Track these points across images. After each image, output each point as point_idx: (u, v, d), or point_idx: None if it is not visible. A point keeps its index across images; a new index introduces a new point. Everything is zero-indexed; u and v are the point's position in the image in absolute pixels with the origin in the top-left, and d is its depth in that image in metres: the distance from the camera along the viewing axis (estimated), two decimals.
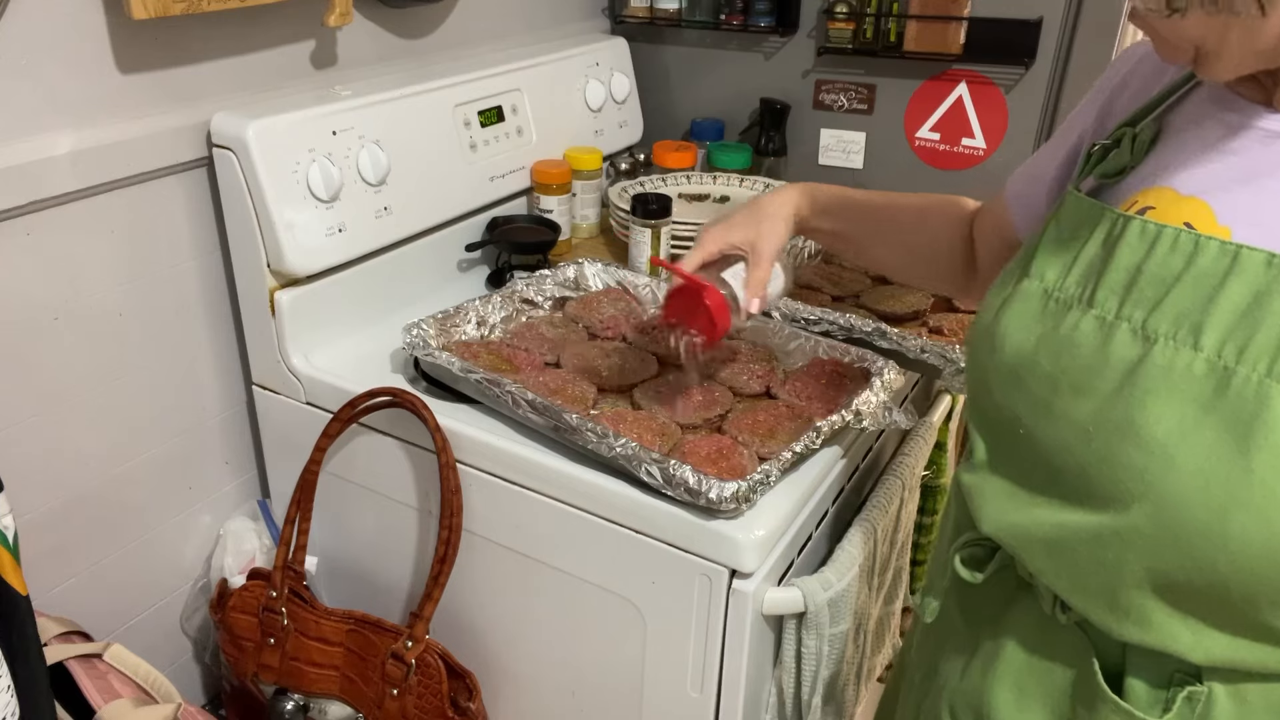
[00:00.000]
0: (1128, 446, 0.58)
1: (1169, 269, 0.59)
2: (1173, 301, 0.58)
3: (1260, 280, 0.55)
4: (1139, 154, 0.66)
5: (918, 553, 1.31)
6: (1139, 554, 0.59)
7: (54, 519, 1.10)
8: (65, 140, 1.00)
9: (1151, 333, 0.58)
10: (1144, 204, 0.62)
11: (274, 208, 1.08)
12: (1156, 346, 0.58)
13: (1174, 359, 0.57)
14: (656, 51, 1.76)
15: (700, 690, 0.97)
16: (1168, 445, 0.56)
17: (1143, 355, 0.58)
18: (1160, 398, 0.57)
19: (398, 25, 1.36)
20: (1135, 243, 0.60)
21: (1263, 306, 0.55)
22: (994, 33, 1.46)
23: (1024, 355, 0.65)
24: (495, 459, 1.03)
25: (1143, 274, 0.60)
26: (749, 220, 0.97)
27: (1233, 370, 0.55)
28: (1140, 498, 0.58)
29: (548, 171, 1.44)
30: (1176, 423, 0.56)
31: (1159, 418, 0.57)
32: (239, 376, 1.27)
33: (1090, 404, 0.60)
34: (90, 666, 0.98)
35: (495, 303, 1.21)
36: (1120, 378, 0.59)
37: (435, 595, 1.03)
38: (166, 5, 0.99)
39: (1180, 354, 0.57)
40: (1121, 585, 0.61)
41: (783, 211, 0.97)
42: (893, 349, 1.11)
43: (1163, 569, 0.58)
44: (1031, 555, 0.66)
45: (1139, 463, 0.57)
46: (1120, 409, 0.59)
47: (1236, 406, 0.55)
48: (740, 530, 0.89)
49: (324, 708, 1.14)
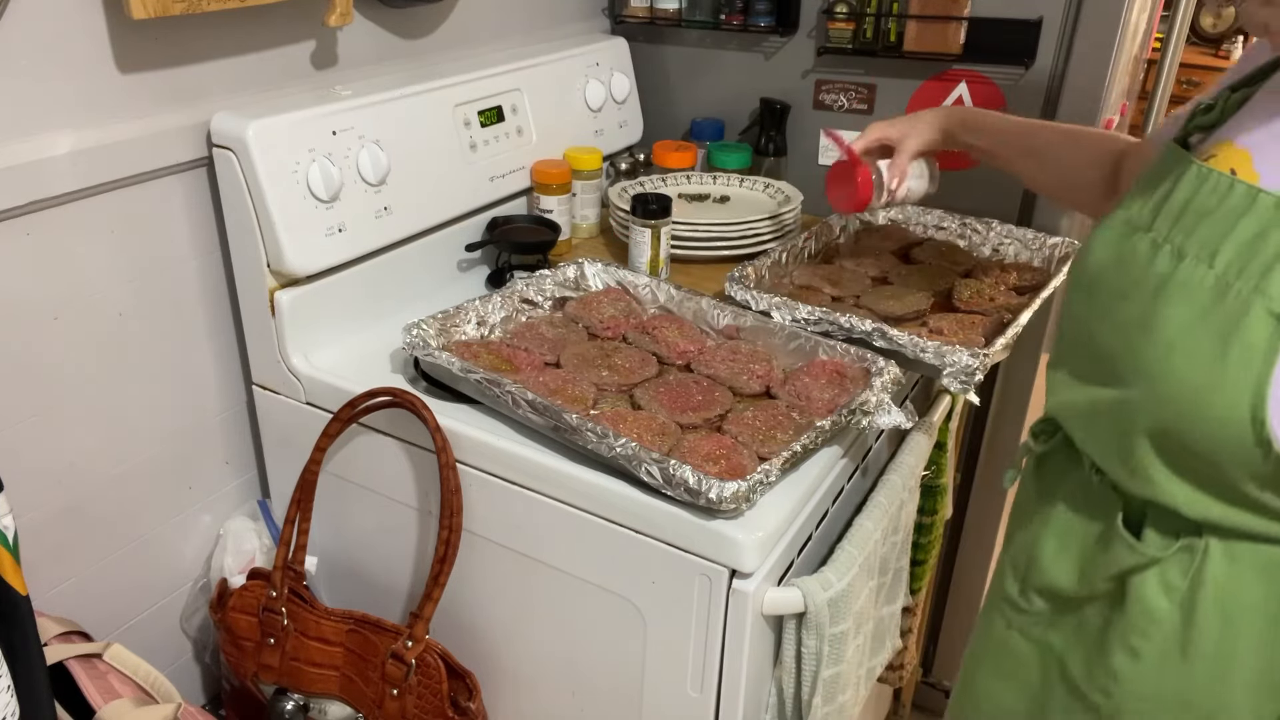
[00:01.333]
0: (1145, 340, 0.73)
1: (1207, 205, 0.72)
2: (1203, 230, 0.72)
3: (1267, 219, 0.69)
4: (1228, 114, 0.79)
5: (918, 553, 1.31)
6: (1143, 421, 0.75)
7: (54, 519, 1.10)
8: (65, 140, 1.00)
9: (1183, 253, 0.72)
10: (1213, 153, 0.76)
11: (274, 208, 1.08)
12: (1183, 264, 0.72)
13: (1192, 274, 0.71)
14: (656, 51, 1.76)
15: (700, 690, 0.97)
16: (1172, 341, 0.71)
17: (1172, 271, 0.73)
18: (1175, 304, 0.71)
19: (398, 25, 1.36)
20: (1191, 182, 0.74)
21: (1264, 239, 0.68)
22: (994, 33, 1.46)
23: (1101, 268, 0.80)
24: (495, 459, 1.03)
25: (1189, 207, 0.74)
26: (906, 121, 1.21)
27: (1231, 285, 0.69)
28: (1146, 378, 0.73)
29: (548, 171, 1.44)
30: (1182, 323, 0.71)
31: (1170, 320, 0.72)
32: (239, 376, 1.28)
33: (1131, 309, 0.75)
34: (90, 666, 0.98)
35: (495, 303, 1.21)
36: (1154, 288, 0.73)
37: (435, 595, 1.03)
38: (166, 5, 0.99)
39: (1197, 271, 0.71)
40: (1131, 448, 0.77)
41: (936, 121, 1.19)
42: (893, 349, 1.11)
43: (1159, 434, 0.74)
44: (1074, 426, 0.86)
45: (1149, 353, 0.73)
46: (1148, 312, 0.73)
47: (1226, 312, 0.69)
48: (740, 530, 0.89)
49: (324, 708, 1.14)
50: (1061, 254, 1.39)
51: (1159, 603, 0.79)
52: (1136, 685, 0.82)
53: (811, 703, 0.98)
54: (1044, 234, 1.43)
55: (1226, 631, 0.78)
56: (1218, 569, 0.77)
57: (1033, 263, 1.42)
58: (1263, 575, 0.76)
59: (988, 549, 1.76)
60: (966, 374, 1.07)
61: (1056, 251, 1.40)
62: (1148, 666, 0.81)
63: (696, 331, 1.20)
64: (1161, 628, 0.80)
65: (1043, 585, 0.91)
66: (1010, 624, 0.95)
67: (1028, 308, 1.22)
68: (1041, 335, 1.57)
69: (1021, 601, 0.94)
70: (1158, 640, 0.80)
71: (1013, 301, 1.30)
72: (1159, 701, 0.82)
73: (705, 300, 1.22)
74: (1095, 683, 0.86)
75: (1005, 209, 1.54)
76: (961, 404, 1.35)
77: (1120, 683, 0.83)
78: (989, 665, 0.99)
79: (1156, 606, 0.80)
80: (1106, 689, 0.85)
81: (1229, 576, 0.76)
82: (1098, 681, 0.86)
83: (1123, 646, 0.83)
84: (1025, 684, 0.95)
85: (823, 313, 1.16)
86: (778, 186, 1.59)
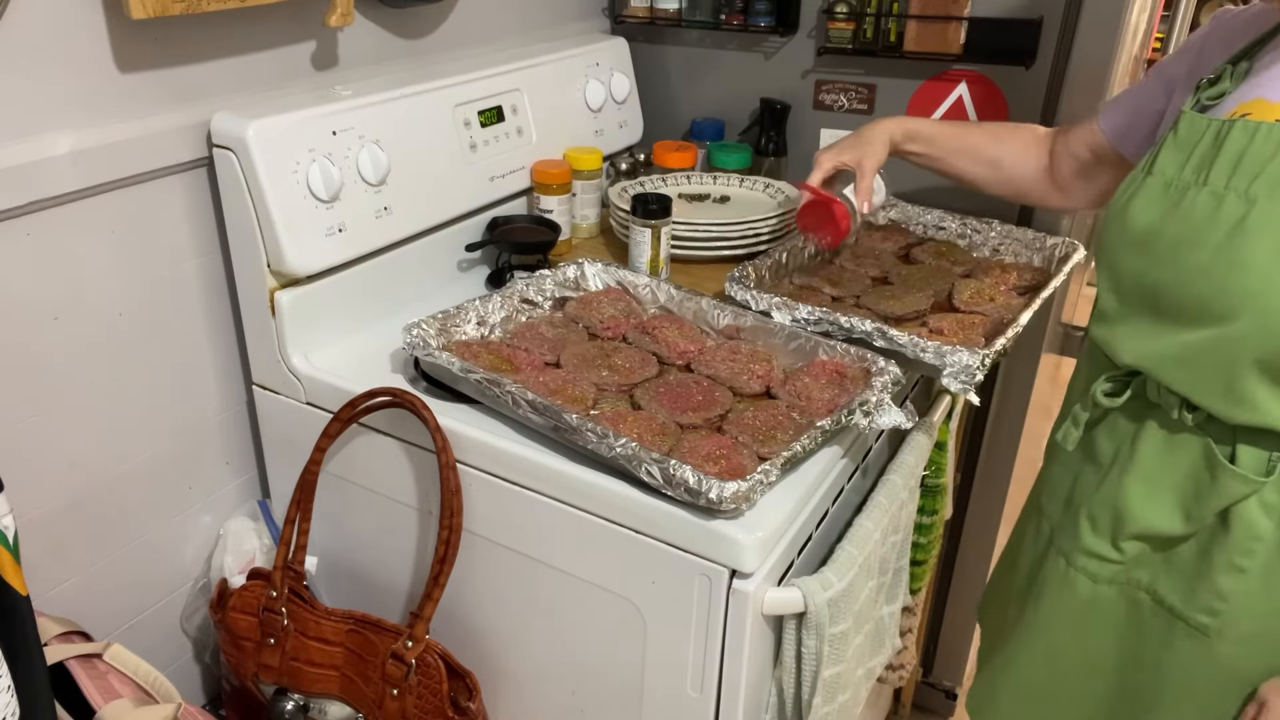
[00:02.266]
0: (1239, 275, 0.81)
1: (1264, 152, 0.81)
2: (1268, 174, 0.81)
3: None
4: (1237, 82, 0.91)
5: (917, 553, 1.31)
6: (1248, 349, 0.82)
7: (54, 519, 1.10)
8: (65, 140, 1.00)
9: (1253, 196, 0.81)
10: (1244, 111, 0.85)
11: (274, 208, 1.08)
12: (1257, 205, 0.80)
13: (1270, 211, 0.80)
14: (656, 51, 1.76)
15: (700, 690, 0.97)
16: (1269, 269, 0.79)
17: (1247, 212, 0.81)
18: (1262, 238, 0.80)
19: (398, 25, 1.36)
20: (1240, 136, 0.83)
21: None
22: (994, 33, 1.46)
23: (1150, 227, 0.88)
24: (495, 459, 1.03)
25: (1245, 157, 0.82)
26: (854, 144, 1.29)
27: None
28: (1248, 309, 0.81)
29: (548, 171, 1.44)
30: (1273, 253, 0.79)
31: (1261, 252, 0.80)
32: (239, 376, 1.28)
33: (1205, 253, 0.83)
34: (90, 666, 0.98)
35: (495, 303, 1.21)
36: (1229, 230, 0.81)
37: (435, 595, 1.03)
38: (166, 5, 0.99)
39: (1274, 207, 0.80)
40: (1235, 378, 0.84)
41: (881, 137, 1.28)
42: (893, 349, 1.11)
43: (1265, 357, 0.82)
44: (1164, 371, 0.89)
45: (1248, 285, 0.80)
46: (1231, 251, 0.81)
47: None
48: (740, 530, 0.89)
49: (324, 708, 1.14)
50: (1061, 254, 1.39)
51: (1262, 522, 0.87)
52: (1245, 600, 0.90)
53: (811, 703, 0.98)
54: (1044, 234, 1.43)
55: None
56: None
57: (1033, 263, 1.42)
58: None
59: (988, 549, 1.76)
60: (966, 374, 1.07)
61: (1056, 251, 1.40)
62: (1252, 582, 0.89)
63: (696, 331, 1.20)
64: (1264, 543, 0.87)
65: (1139, 531, 0.95)
66: (1097, 578, 1.00)
67: (1028, 308, 1.22)
68: (1042, 335, 1.57)
69: (1112, 553, 0.98)
70: (1262, 556, 0.88)
71: (1013, 301, 1.30)
72: (1267, 611, 0.90)
73: (705, 300, 1.22)
74: (1199, 603, 0.92)
75: (1005, 209, 1.54)
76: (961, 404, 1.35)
77: (1228, 600, 0.90)
78: (1072, 623, 1.04)
79: (1260, 525, 0.87)
80: (1212, 608, 0.91)
81: None
82: (1202, 602, 0.92)
83: (1228, 567, 0.89)
84: (1113, 622, 1.01)
85: (823, 313, 1.16)
86: (778, 186, 1.59)
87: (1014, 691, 1.13)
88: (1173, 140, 0.89)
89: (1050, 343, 1.65)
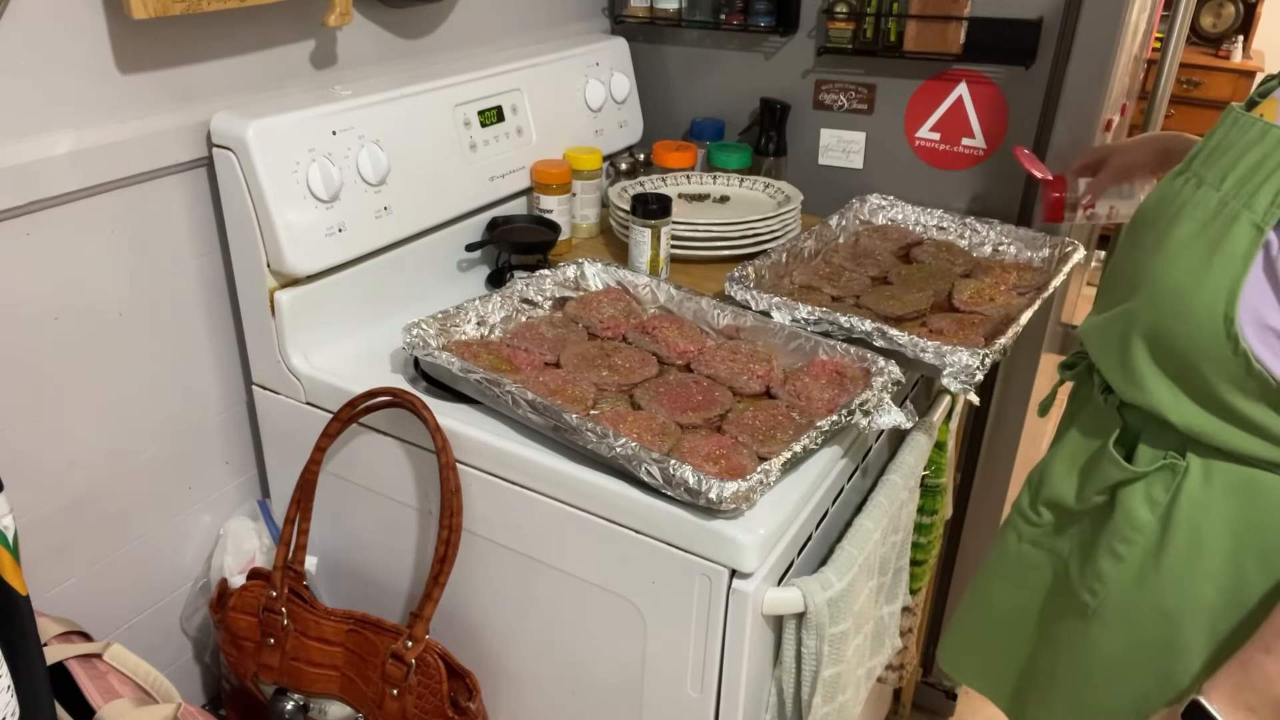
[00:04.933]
0: (1155, 256, 0.83)
1: (1230, 142, 0.82)
2: (1224, 162, 0.81)
3: (1269, 148, 0.78)
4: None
5: (918, 553, 1.31)
6: (1139, 325, 0.85)
7: (54, 519, 1.10)
8: (65, 140, 1.00)
9: (1202, 181, 0.82)
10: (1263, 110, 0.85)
11: (274, 208, 1.08)
12: (1200, 189, 0.81)
13: (1204, 197, 0.81)
14: (656, 51, 1.76)
15: (700, 690, 0.97)
16: (1173, 253, 0.81)
17: (1191, 196, 0.82)
18: (1184, 223, 0.81)
19: (398, 25, 1.36)
20: (1225, 128, 0.83)
21: (1263, 164, 0.78)
22: (994, 33, 1.46)
23: (1145, 209, 0.90)
24: (495, 459, 1.03)
25: (1219, 147, 0.83)
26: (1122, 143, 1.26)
27: (1227, 201, 0.79)
28: (1147, 286, 0.83)
29: (548, 171, 1.44)
30: (1184, 238, 0.81)
31: (1176, 236, 0.81)
32: (239, 376, 1.28)
33: (1149, 233, 0.86)
34: (90, 666, 0.98)
35: (495, 303, 1.21)
36: (1173, 214, 0.83)
37: (435, 595, 1.03)
38: (166, 5, 0.99)
39: (1208, 193, 0.81)
40: (1128, 352, 0.86)
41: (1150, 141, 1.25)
42: (893, 349, 1.11)
43: (1152, 334, 0.84)
44: (1089, 340, 0.95)
45: (1156, 266, 0.83)
46: (1163, 233, 0.83)
47: (1220, 225, 0.79)
48: (740, 530, 0.89)
49: (324, 708, 1.14)
50: (1061, 254, 1.39)
51: (1142, 513, 0.89)
52: (1117, 587, 0.93)
53: (811, 703, 0.98)
54: (1044, 234, 1.43)
55: (1195, 546, 0.87)
56: (1194, 486, 0.86)
57: (1033, 263, 1.42)
58: (1233, 495, 0.85)
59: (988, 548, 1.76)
60: (966, 374, 1.07)
61: (1057, 251, 1.40)
62: (1128, 571, 0.92)
63: (696, 331, 1.20)
64: (1142, 535, 0.90)
65: (1049, 499, 1.01)
66: (1021, 536, 1.05)
67: (1028, 308, 1.22)
68: (1042, 335, 1.57)
69: (1031, 514, 1.04)
70: (1139, 547, 0.90)
71: (1013, 301, 1.30)
72: (1135, 604, 0.92)
73: (705, 300, 1.22)
74: (1085, 583, 0.96)
75: (1005, 209, 1.54)
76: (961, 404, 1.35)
77: (1105, 584, 0.94)
78: (1003, 573, 1.09)
79: (1139, 516, 0.89)
80: (1093, 588, 0.95)
81: (1203, 494, 0.86)
82: (1087, 581, 0.96)
83: (1108, 551, 0.93)
84: (1038, 585, 1.05)
85: (823, 313, 1.16)
86: (778, 186, 1.59)
87: (964, 632, 1.18)
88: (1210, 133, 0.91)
89: (1050, 343, 1.65)
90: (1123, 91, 1.60)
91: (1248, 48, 4.06)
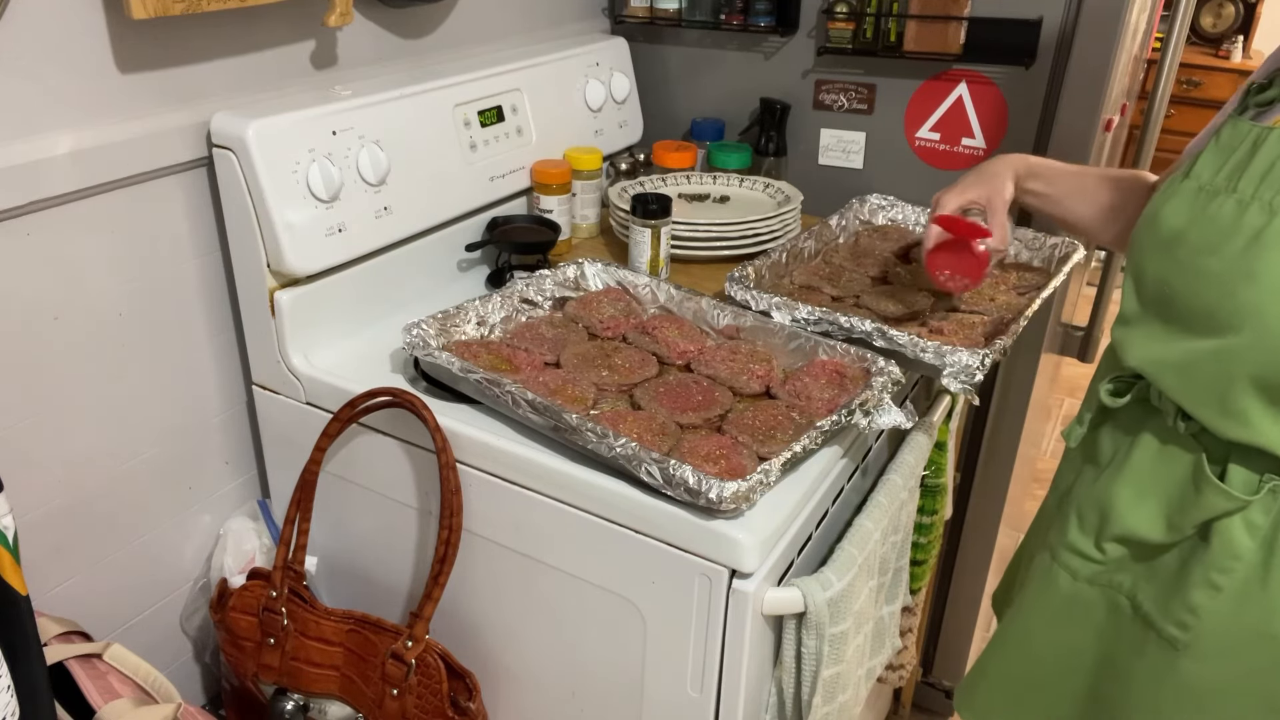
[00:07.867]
0: (1248, 287, 0.79)
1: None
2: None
3: None
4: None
5: (918, 553, 1.31)
6: (1246, 365, 0.81)
7: (54, 519, 1.10)
8: (65, 140, 1.00)
9: (1277, 207, 0.78)
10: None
11: (274, 208, 1.09)
12: (1278, 217, 0.78)
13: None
14: (656, 51, 1.76)
15: (700, 690, 0.97)
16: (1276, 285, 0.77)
17: (1267, 223, 0.79)
18: (1276, 251, 0.78)
19: (398, 25, 1.36)
20: (1274, 145, 0.81)
21: None
22: (994, 33, 1.46)
23: (1176, 232, 0.86)
24: (495, 459, 1.03)
25: (1275, 167, 0.80)
26: (980, 181, 1.20)
27: None
28: (1252, 323, 0.79)
29: (548, 171, 1.44)
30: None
31: (1273, 265, 0.78)
32: (239, 376, 1.28)
33: (1221, 262, 0.81)
34: (90, 666, 0.98)
35: (495, 303, 1.21)
36: (1248, 240, 0.79)
37: (435, 595, 1.03)
38: (166, 5, 0.99)
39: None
40: (1230, 391, 0.82)
41: (1006, 173, 1.20)
42: (893, 349, 1.11)
43: (1262, 374, 0.80)
44: (1163, 377, 0.89)
45: (1255, 298, 0.79)
46: (1247, 262, 0.79)
47: None
48: (740, 530, 0.89)
49: (324, 708, 1.14)
50: (1061, 254, 1.39)
51: (1243, 541, 0.86)
52: (1214, 618, 0.89)
53: (811, 703, 0.98)
54: (1044, 234, 1.43)
55: None
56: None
57: (1033, 263, 1.42)
58: None
59: (988, 549, 1.76)
60: (966, 374, 1.07)
61: (1056, 251, 1.40)
62: (1228, 600, 0.88)
63: (696, 331, 1.20)
64: (1242, 562, 0.86)
65: (1122, 534, 0.95)
66: (1077, 575, 1.00)
67: (1028, 308, 1.22)
68: (1042, 335, 1.57)
69: (1094, 552, 0.98)
70: (1240, 575, 0.87)
71: (1013, 301, 1.30)
72: (1235, 632, 0.88)
73: (705, 300, 1.22)
74: (1172, 616, 0.91)
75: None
76: (961, 404, 1.35)
77: (1199, 616, 0.89)
78: (1052, 615, 1.04)
79: (1240, 544, 0.86)
80: (1183, 622, 0.90)
81: None
82: (1174, 616, 0.91)
83: (1204, 583, 0.88)
84: (1091, 623, 1.00)
85: (823, 313, 1.16)
86: (778, 186, 1.59)
87: (992, 681, 1.13)
88: (1214, 145, 0.87)
89: (1050, 343, 1.65)
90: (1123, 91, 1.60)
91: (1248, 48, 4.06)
